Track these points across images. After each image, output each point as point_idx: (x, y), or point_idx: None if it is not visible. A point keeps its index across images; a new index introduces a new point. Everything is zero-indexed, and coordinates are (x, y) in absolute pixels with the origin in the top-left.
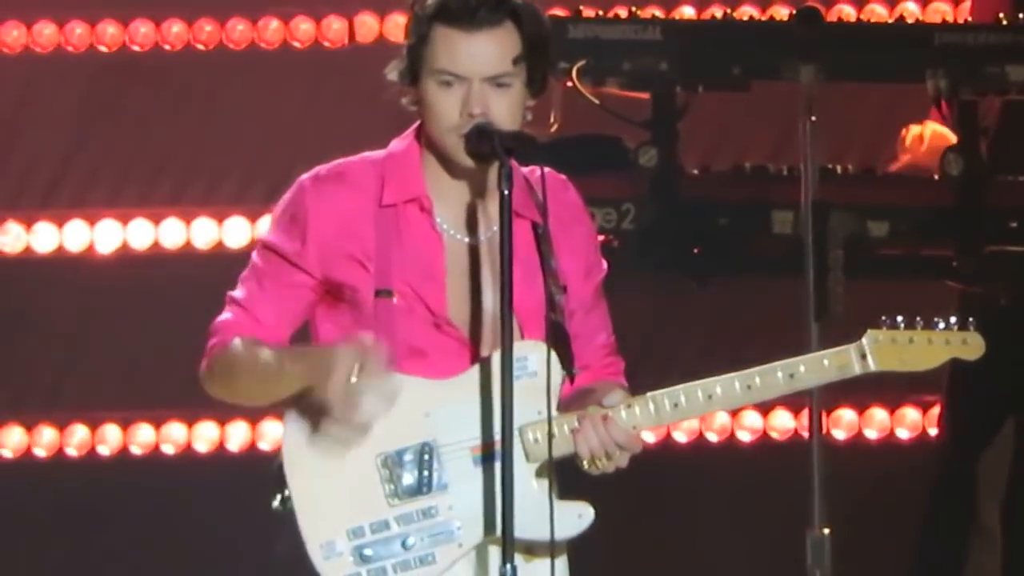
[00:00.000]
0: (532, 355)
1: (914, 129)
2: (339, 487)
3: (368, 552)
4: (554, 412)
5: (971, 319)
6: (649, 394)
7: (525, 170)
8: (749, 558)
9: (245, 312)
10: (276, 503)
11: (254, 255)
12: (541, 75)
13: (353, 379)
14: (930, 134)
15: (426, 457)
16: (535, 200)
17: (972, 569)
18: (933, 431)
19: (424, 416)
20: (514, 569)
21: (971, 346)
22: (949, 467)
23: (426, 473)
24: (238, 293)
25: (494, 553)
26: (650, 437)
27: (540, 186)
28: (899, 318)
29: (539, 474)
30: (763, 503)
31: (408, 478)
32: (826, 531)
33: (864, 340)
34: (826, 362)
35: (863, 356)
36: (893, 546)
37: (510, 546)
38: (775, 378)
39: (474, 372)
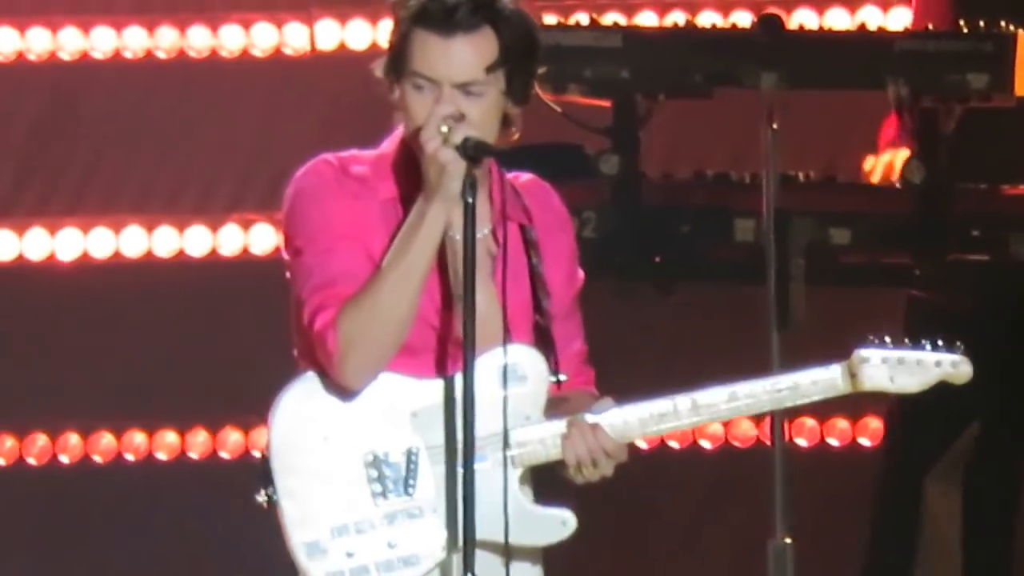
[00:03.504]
0: (521, 360)
1: (883, 157)
2: (325, 485)
3: (352, 551)
4: (541, 417)
5: (959, 343)
6: (636, 404)
7: (510, 175)
8: (711, 567)
9: (331, 286)
10: (261, 498)
11: (298, 261)
12: (523, 83)
13: (444, 129)
14: (901, 163)
15: (412, 458)
16: (521, 204)
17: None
18: None
19: (411, 416)
20: None
21: (959, 371)
22: (901, 475)
23: (412, 474)
24: (308, 290)
25: (481, 557)
26: None
27: (526, 191)
28: (887, 338)
29: (523, 480)
30: (725, 511)
31: (394, 478)
32: (788, 540)
33: (853, 359)
34: (815, 379)
35: (852, 375)
36: (855, 555)
37: (471, 555)
38: (762, 392)
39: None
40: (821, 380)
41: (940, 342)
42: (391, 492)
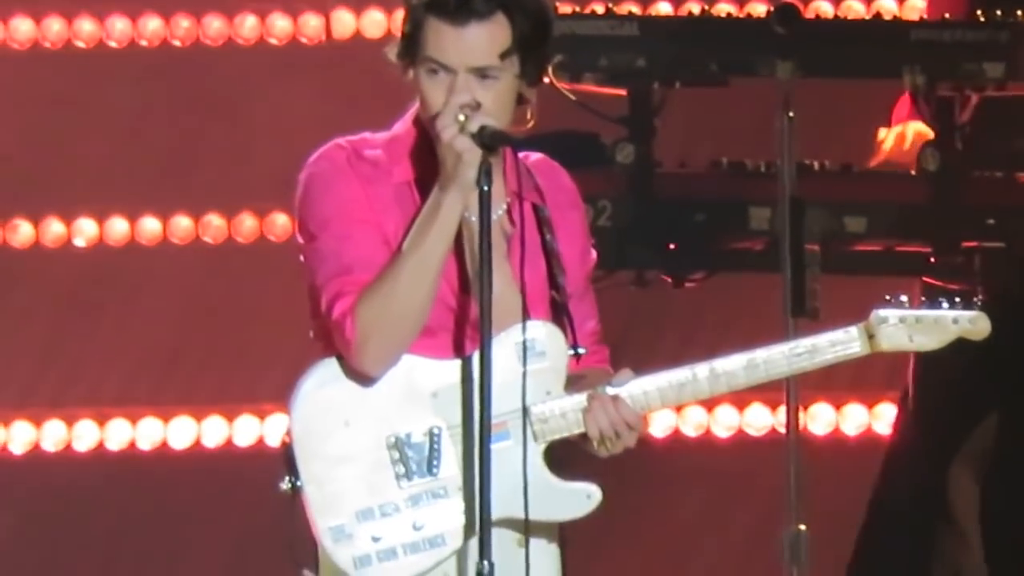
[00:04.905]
0: (539, 336)
1: (895, 128)
2: (348, 470)
3: (378, 534)
4: (562, 392)
5: (976, 298)
6: (655, 374)
7: (520, 155)
8: (725, 554)
9: (348, 273)
10: (284, 485)
11: (313, 246)
12: (537, 65)
13: (461, 117)
14: (912, 134)
15: (435, 438)
16: (534, 183)
17: (945, 569)
18: None
19: (432, 397)
20: (491, 566)
21: (977, 327)
22: (922, 467)
23: (435, 454)
24: (324, 276)
25: (502, 535)
26: None
27: (537, 170)
28: (903, 297)
29: (546, 456)
30: (739, 499)
31: (417, 460)
32: (802, 527)
33: (872, 319)
34: (833, 341)
35: (871, 336)
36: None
37: (487, 543)
38: (780, 357)
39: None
40: (839, 342)
41: (957, 299)
42: (415, 473)
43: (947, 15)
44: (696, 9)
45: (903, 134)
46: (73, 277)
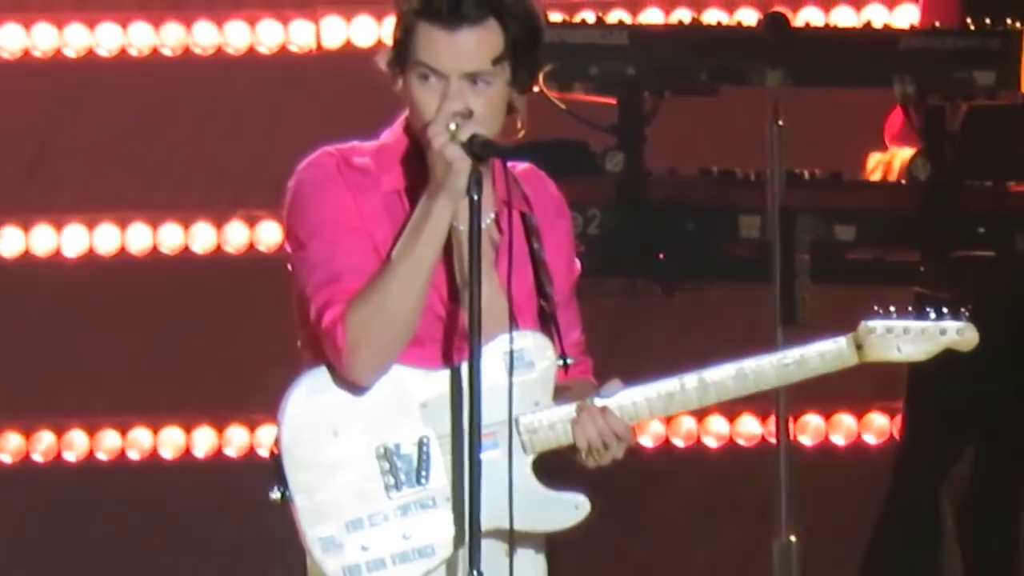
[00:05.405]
0: (528, 345)
1: (882, 157)
2: (337, 479)
3: (367, 545)
4: (550, 402)
5: (964, 308)
6: (644, 385)
7: (507, 164)
8: (715, 565)
9: (338, 281)
10: (274, 495)
11: (302, 254)
12: (528, 72)
13: (452, 126)
14: (899, 164)
15: (424, 448)
16: (521, 192)
17: (941, 573)
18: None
19: (421, 407)
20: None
21: (965, 338)
22: (913, 475)
23: (424, 464)
24: (314, 285)
25: (491, 545)
26: None
27: (524, 179)
28: (891, 308)
29: (535, 466)
30: (730, 509)
31: (406, 470)
32: (793, 538)
33: (860, 330)
34: (822, 352)
35: (859, 346)
36: (860, 553)
37: (476, 551)
38: (769, 367)
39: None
40: (828, 352)
41: (945, 309)
42: (404, 483)
43: (937, 23)
44: (686, 18)
45: (889, 164)
46: (63, 287)
